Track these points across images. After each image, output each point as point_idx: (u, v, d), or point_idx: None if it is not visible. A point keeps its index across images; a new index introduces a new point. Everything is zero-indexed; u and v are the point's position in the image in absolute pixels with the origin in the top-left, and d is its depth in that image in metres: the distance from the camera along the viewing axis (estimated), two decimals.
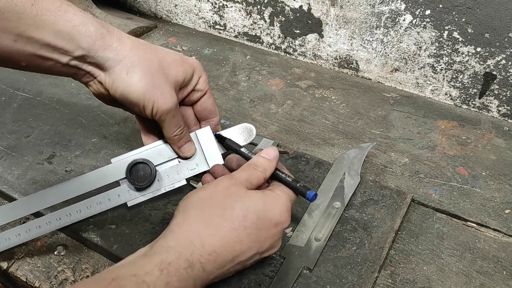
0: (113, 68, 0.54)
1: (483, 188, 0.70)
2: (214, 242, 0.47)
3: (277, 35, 0.99)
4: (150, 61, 0.55)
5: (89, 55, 0.53)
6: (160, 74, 0.55)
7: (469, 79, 0.83)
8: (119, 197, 0.60)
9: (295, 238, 0.60)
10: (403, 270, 0.59)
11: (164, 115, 0.56)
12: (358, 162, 0.70)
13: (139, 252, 0.48)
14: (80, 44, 0.52)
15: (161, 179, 0.61)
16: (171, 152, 0.61)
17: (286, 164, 0.71)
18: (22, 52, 0.51)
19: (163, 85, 0.55)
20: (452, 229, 0.64)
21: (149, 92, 0.54)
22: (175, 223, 0.50)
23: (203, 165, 0.62)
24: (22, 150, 0.73)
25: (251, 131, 0.63)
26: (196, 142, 0.62)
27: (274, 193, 0.52)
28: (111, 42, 0.54)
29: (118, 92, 0.55)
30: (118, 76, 0.54)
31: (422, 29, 0.82)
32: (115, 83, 0.54)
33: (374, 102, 0.87)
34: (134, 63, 0.54)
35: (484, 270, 0.59)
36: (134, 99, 0.55)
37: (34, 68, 0.54)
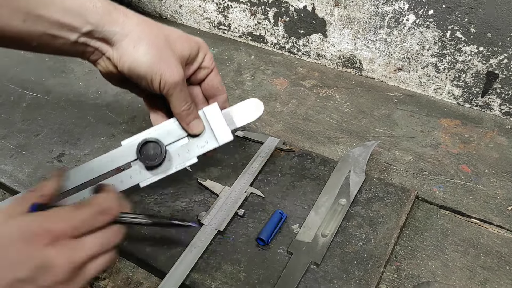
0: (120, 42, 0.54)
1: (486, 185, 0.71)
2: None
3: (281, 35, 1.00)
4: (156, 36, 0.56)
5: (97, 30, 0.54)
6: (166, 48, 0.56)
7: (472, 78, 0.84)
8: (131, 178, 0.60)
9: (302, 234, 0.61)
10: (408, 265, 0.60)
11: (172, 88, 0.56)
12: (363, 160, 0.71)
13: None
14: (88, 19, 0.53)
15: (172, 159, 0.61)
16: (180, 131, 0.61)
17: (292, 162, 0.72)
18: (32, 32, 0.52)
19: (169, 58, 0.56)
20: (456, 226, 0.65)
21: (156, 65, 0.55)
22: None
23: (213, 142, 0.61)
24: (32, 148, 0.74)
25: (258, 106, 0.64)
26: (204, 119, 0.61)
27: None
28: (118, 17, 0.54)
29: (126, 66, 0.55)
30: (126, 50, 0.55)
31: (425, 29, 0.83)
32: (122, 57, 0.55)
33: (377, 101, 0.88)
34: (140, 37, 0.55)
35: (488, 265, 0.60)
36: (141, 72, 0.55)
37: (44, 48, 0.54)
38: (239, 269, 0.58)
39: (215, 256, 0.59)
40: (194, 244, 0.59)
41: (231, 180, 0.68)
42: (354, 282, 0.56)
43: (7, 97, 0.85)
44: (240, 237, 0.61)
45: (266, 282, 0.56)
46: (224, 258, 0.59)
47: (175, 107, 0.59)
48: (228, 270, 0.58)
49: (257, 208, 0.65)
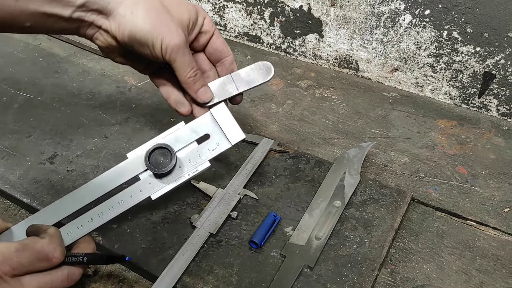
0: (116, 10, 0.53)
1: (482, 187, 0.70)
2: None
3: (277, 35, 1.00)
4: (151, 1, 0.55)
5: (90, 0, 0.53)
6: (164, 12, 0.55)
7: (469, 79, 0.83)
8: (141, 191, 0.58)
9: (296, 237, 0.60)
10: (403, 269, 0.59)
11: (174, 52, 0.55)
12: (358, 161, 0.71)
13: None
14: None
15: (183, 165, 0.59)
16: (188, 136, 0.59)
17: (286, 163, 0.71)
18: (24, 11, 0.51)
19: (168, 22, 0.54)
20: (451, 228, 0.64)
21: (156, 29, 0.53)
22: None
23: (225, 143, 0.60)
24: (24, 150, 0.74)
25: (269, 68, 0.62)
26: (213, 120, 0.60)
27: None
28: None
29: (126, 33, 0.54)
30: (123, 17, 0.53)
31: (422, 29, 0.82)
32: (121, 25, 0.54)
33: (374, 101, 0.88)
34: (136, 2, 0.54)
35: (484, 268, 0.59)
36: (142, 37, 0.54)
37: (38, 27, 0.53)
38: (231, 272, 0.57)
39: (207, 259, 0.58)
40: (186, 247, 0.59)
41: (225, 182, 0.68)
42: (348, 286, 0.55)
43: (0, 98, 0.84)
44: (233, 240, 0.61)
45: (258, 286, 0.55)
46: (217, 262, 0.58)
47: (181, 74, 0.57)
48: (220, 274, 0.57)
49: (250, 210, 0.64)
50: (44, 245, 0.46)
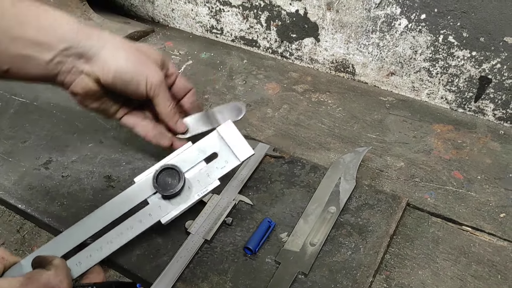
0: (99, 53, 0.56)
1: (478, 192, 0.70)
2: None
3: (274, 39, 1.00)
4: (129, 46, 0.59)
5: (73, 45, 0.54)
6: (142, 55, 0.59)
7: (465, 83, 0.83)
8: (150, 216, 0.57)
9: (290, 243, 0.60)
10: (398, 275, 0.59)
11: (158, 88, 0.60)
12: (353, 167, 0.70)
13: None
14: (64, 35, 0.54)
15: (192, 186, 0.59)
16: (196, 156, 0.60)
17: (282, 169, 0.71)
18: (5, 53, 0.51)
19: (148, 62, 0.59)
20: (447, 233, 0.64)
21: (140, 68, 0.58)
22: None
23: (233, 160, 0.60)
24: (19, 155, 0.73)
25: (240, 109, 0.66)
26: (220, 139, 0.61)
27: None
28: (92, 32, 0.56)
29: (111, 74, 0.56)
30: (107, 58, 0.56)
31: (418, 33, 0.82)
32: (105, 67, 0.56)
33: (370, 106, 0.87)
34: (117, 46, 0.57)
35: (479, 274, 0.59)
36: (128, 76, 0.57)
37: (16, 72, 0.53)
38: (225, 279, 0.57)
39: (202, 265, 0.58)
40: (180, 254, 0.58)
41: (220, 188, 0.67)
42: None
43: None
44: (227, 246, 0.61)
45: None
46: (211, 268, 0.58)
47: (163, 107, 0.61)
48: (214, 280, 0.57)
49: (245, 216, 0.64)
50: (50, 278, 0.45)
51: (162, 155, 0.70)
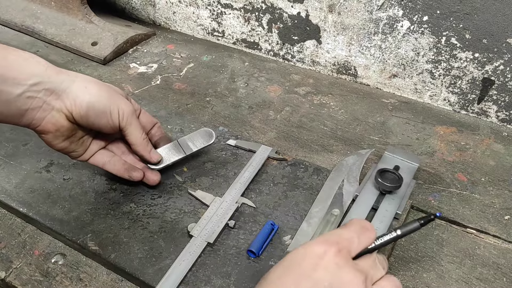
0: (70, 87, 0.57)
1: (482, 194, 0.70)
2: None
3: (275, 42, 0.99)
4: (97, 81, 0.61)
5: (43, 81, 0.55)
6: (110, 88, 0.61)
7: (468, 85, 0.82)
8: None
9: (294, 246, 0.60)
10: (403, 278, 0.58)
11: (130, 117, 0.61)
12: (356, 169, 0.70)
13: None
14: (34, 71, 0.55)
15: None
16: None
17: (284, 171, 0.71)
18: None
19: (118, 95, 0.61)
20: (451, 236, 0.64)
21: (112, 99, 0.59)
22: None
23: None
24: (20, 158, 0.73)
25: (211, 134, 0.70)
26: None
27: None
28: (61, 69, 0.58)
29: (84, 104, 0.57)
30: (79, 91, 0.57)
31: (420, 35, 0.82)
32: (78, 98, 0.57)
33: (372, 108, 0.87)
34: (87, 80, 0.59)
35: (484, 277, 0.58)
36: (101, 106, 0.58)
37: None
38: (229, 282, 0.56)
39: (205, 269, 0.58)
40: (183, 257, 0.58)
41: (222, 190, 0.67)
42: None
43: None
44: (230, 249, 0.60)
45: None
46: (214, 271, 0.57)
47: (136, 137, 0.63)
48: (217, 284, 0.56)
49: (248, 219, 0.64)
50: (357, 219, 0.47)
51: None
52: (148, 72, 0.97)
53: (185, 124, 0.80)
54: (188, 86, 0.93)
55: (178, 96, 0.90)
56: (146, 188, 0.68)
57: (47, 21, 1.07)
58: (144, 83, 0.94)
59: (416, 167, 0.69)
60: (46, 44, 1.05)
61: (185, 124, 0.80)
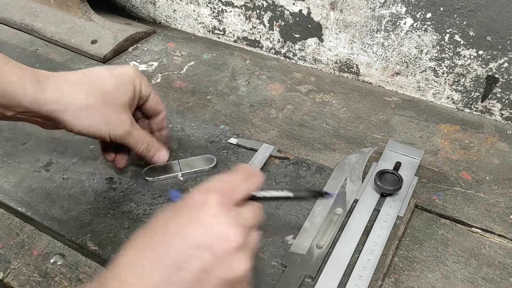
0: (61, 117, 0.56)
1: (487, 193, 0.69)
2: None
3: (277, 40, 0.98)
4: (93, 99, 0.58)
5: (33, 111, 0.55)
6: (106, 106, 0.59)
7: (471, 83, 0.82)
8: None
9: (296, 246, 0.59)
10: (407, 278, 0.58)
11: (123, 138, 0.61)
12: (359, 167, 0.69)
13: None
14: (22, 103, 0.54)
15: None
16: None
17: (286, 170, 0.70)
18: None
19: (113, 115, 0.59)
20: (456, 235, 0.63)
21: (102, 126, 0.59)
22: None
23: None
24: (19, 157, 0.72)
25: (212, 159, 0.71)
26: None
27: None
28: (51, 95, 0.55)
29: (74, 131, 0.58)
30: (69, 122, 0.57)
31: (423, 33, 0.81)
32: (67, 126, 0.58)
33: (375, 106, 0.86)
34: (79, 107, 0.57)
35: (490, 277, 0.58)
36: (90, 134, 0.59)
37: None
38: None
39: None
40: None
41: None
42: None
43: None
44: None
45: None
46: None
47: (135, 149, 0.64)
48: None
49: None
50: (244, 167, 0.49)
51: None
52: (149, 70, 0.96)
53: (186, 122, 0.79)
54: (189, 84, 0.92)
55: (179, 94, 0.89)
56: (146, 187, 0.67)
57: (47, 19, 1.06)
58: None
59: (418, 162, 0.69)
60: (45, 42, 1.04)
61: (186, 123, 0.79)
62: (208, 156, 0.71)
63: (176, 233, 0.41)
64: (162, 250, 0.40)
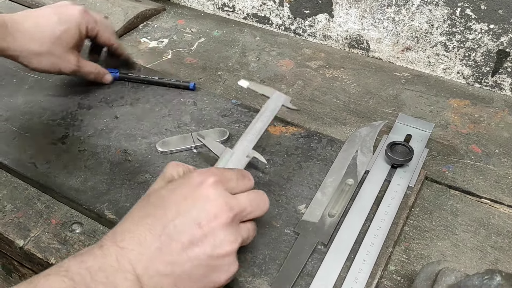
0: (16, 59, 0.70)
1: (496, 165, 0.69)
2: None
3: (287, 16, 0.98)
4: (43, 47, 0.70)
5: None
6: (54, 51, 0.71)
7: (482, 57, 0.82)
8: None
9: (309, 215, 0.60)
10: (417, 246, 0.59)
11: (74, 72, 0.76)
12: (370, 140, 0.70)
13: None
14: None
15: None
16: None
17: (298, 143, 0.71)
18: None
19: (61, 57, 0.72)
20: (466, 206, 0.64)
21: (52, 67, 0.72)
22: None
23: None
24: (35, 130, 0.73)
25: (224, 132, 0.72)
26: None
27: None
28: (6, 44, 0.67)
29: (30, 68, 0.72)
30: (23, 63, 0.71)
31: (434, 7, 0.81)
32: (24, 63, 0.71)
33: (385, 81, 0.87)
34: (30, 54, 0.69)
35: (499, 246, 0.59)
36: (45, 70, 0.73)
37: None
38: (244, 249, 0.57)
39: None
40: None
41: (233, 142, 0.68)
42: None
43: (10, 80, 0.84)
44: None
45: (272, 262, 0.55)
46: None
47: (87, 79, 0.79)
48: None
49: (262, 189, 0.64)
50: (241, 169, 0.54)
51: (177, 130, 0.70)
52: (159, 47, 0.97)
53: (198, 97, 0.80)
54: (200, 60, 0.92)
55: (190, 70, 0.90)
56: (161, 159, 0.68)
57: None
58: (155, 57, 0.93)
59: (428, 134, 0.69)
60: None
61: (198, 97, 0.80)
62: (220, 129, 0.72)
63: (171, 208, 0.45)
64: (158, 221, 0.44)
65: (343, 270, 0.54)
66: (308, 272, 0.54)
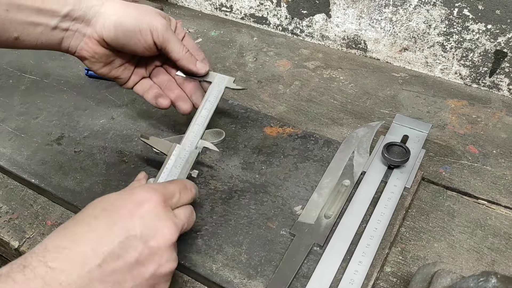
0: (99, 11, 0.57)
1: (494, 166, 0.69)
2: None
3: (284, 16, 0.98)
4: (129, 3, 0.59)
5: (74, 8, 0.56)
6: (141, 7, 0.59)
7: (480, 58, 0.81)
8: None
9: (305, 216, 0.60)
10: (414, 247, 0.59)
11: (165, 33, 0.58)
12: (367, 141, 0.70)
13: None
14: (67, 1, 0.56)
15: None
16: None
17: (295, 143, 0.71)
18: (14, 21, 0.54)
19: (150, 13, 0.58)
20: (463, 207, 0.63)
21: (141, 17, 0.57)
22: None
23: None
24: (31, 131, 0.73)
25: (221, 133, 0.71)
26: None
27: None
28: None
29: (111, 26, 0.57)
30: (107, 13, 0.57)
31: (432, 7, 0.80)
32: (106, 21, 0.57)
33: (382, 82, 0.86)
34: (117, 1, 0.58)
35: (496, 247, 0.58)
36: (129, 26, 0.57)
37: (25, 39, 0.56)
38: (240, 251, 0.57)
39: (216, 238, 0.58)
40: None
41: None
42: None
43: (6, 80, 0.84)
44: (242, 219, 0.60)
45: (268, 264, 0.55)
46: (225, 240, 0.58)
47: (178, 52, 0.60)
48: (229, 252, 0.56)
49: (259, 190, 0.64)
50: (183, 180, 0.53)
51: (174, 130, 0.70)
52: None
53: None
54: None
55: None
56: (157, 160, 0.68)
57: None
58: None
59: (425, 135, 0.69)
60: None
61: None
62: (217, 130, 0.72)
63: (117, 224, 0.42)
64: (102, 238, 0.41)
65: (339, 271, 0.54)
66: (303, 273, 0.54)
